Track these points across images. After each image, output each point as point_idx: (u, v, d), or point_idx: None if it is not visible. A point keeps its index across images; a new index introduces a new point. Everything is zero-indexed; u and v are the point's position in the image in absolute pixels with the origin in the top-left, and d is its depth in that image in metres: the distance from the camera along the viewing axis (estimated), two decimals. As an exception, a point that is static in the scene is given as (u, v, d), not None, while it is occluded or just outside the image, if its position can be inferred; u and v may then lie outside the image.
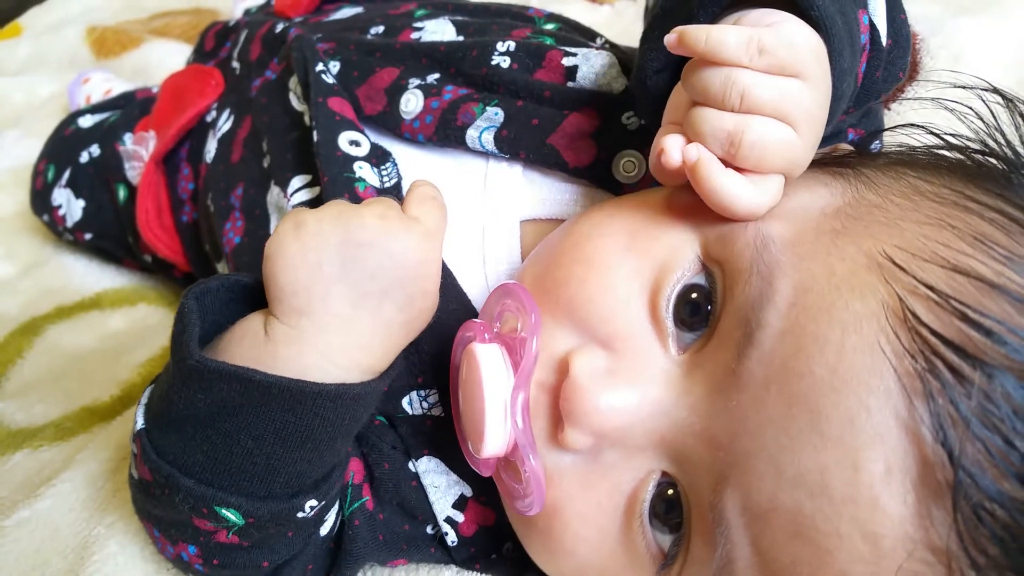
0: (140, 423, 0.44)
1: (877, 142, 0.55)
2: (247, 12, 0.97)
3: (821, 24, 0.38)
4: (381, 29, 0.64)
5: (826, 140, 0.52)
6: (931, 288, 0.32)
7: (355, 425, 0.44)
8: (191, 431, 0.41)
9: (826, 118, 0.39)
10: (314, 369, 0.41)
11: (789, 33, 0.37)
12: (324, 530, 0.47)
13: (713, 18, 0.41)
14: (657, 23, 0.44)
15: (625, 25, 1.03)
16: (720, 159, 0.37)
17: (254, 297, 0.45)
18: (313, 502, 0.43)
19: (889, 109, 0.72)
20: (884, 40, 0.46)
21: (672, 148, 0.38)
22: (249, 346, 0.41)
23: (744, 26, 0.38)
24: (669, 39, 0.38)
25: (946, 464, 0.30)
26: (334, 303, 0.41)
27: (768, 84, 0.36)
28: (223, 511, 0.41)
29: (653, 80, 0.44)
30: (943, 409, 0.30)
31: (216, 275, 0.44)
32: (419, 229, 0.42)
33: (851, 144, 0.54)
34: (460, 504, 0.50)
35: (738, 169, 0.37)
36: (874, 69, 0.46)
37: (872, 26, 0.45)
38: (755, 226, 0.37)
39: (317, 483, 0.43)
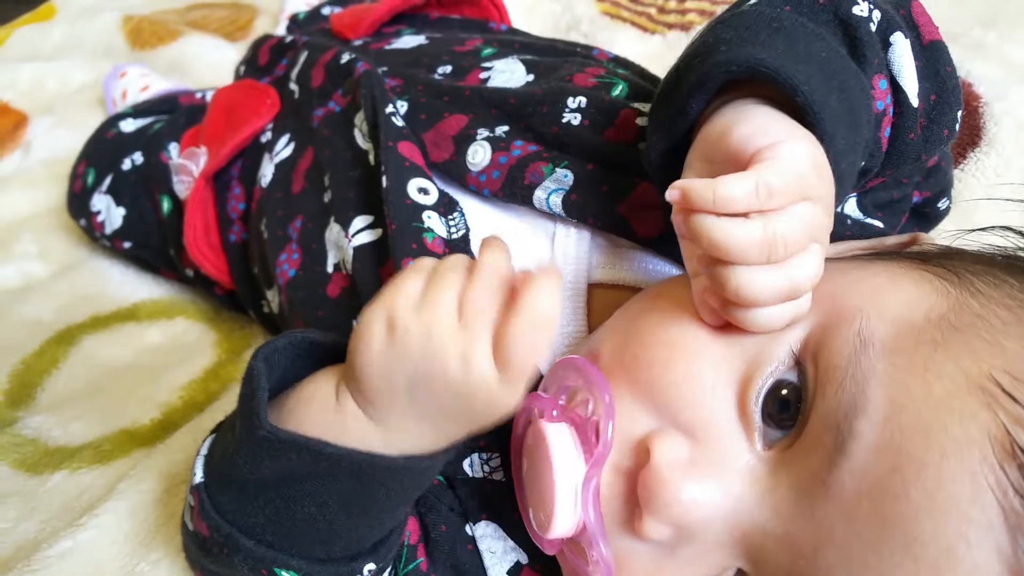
0: (199, 476, 0.44)
1: (945, 199, 0.54)
2: (295, 19, 0.96)
3: (807, 110, 0.37)
4: (449, 69, 0.63)
5: (891, 205, 0.51)
6: None
7: (419, 492, 0.44)
8: (254, 493, 0.41)
9: (833, 211, 0.38)
10: (381, 447, 0.41)
11: (789, 160, 0.35)
12: None
13: (704, 105, 0.40)
14: (655, 110, 0.44)
15: (676, 56, 1.02)
16: None
17: (320, 354, 0.44)
18: (372, 565, 0.43)
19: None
20: (915, 101, 0.45)
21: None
22: (318, 411, 0.41)
23: (713, 148, 0.37)
24: (672, 196, 0.36)
25: None
26: (400, 413, 0.40)
27: (794, 223, 0.35)
28: (283, 573, 0.41)
29: (659, 160, 0.44)
30: None
31: (284, 333, 0.44)
32: (499, 378, 0.38)
33: (917, 207, 0.54)
34: (515, 571, 0.49)
35: None
36: (905, 131, 0.45)
37: (897, 88, 0.44)
38: (858, 322, 0.37)
39: (376, 546, 0.43)
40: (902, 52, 0.45)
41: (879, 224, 0.51)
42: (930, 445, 0.32)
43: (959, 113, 0.47)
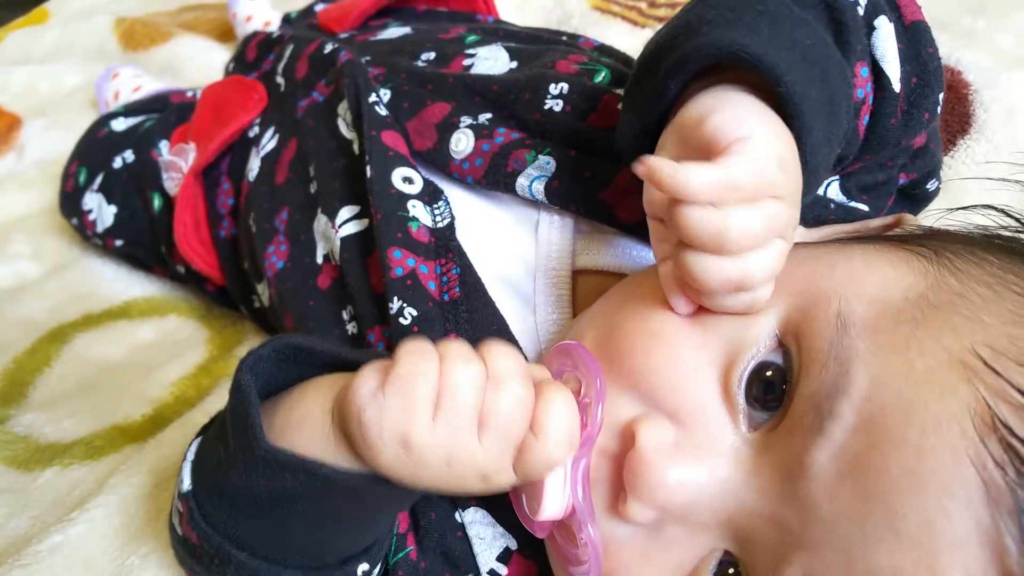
0: (187, 484, 0.43)
1: (934, 180, 0.54)
2: (287, 17, 0.96)
3: (788, 102, 0.37)
4: (432, 56, 0.63)
5: (876, 188, 0.51)
6: (1023, 393, 0.31)
7: (415, 498, 0.44)
8: (246, 508, 0.40)
9: (800, 209, 0.38)
10: None
11: (755, 157, 0.35)
12: None
13: (682, 88, 0.40)
14: (631, 88, 0.43)
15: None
16: None
17: (304, 357, 0.43)
18: (365, 566, 0.43)
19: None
20: (897, 86, 0.45)
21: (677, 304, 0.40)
22: (309, 437, 0.39)
23: (688, 136, 0.37)
24: (640, 170, 0.35)
25: None
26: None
27: (754, 218, 0.35)
28: None
29: (632, 144, 0.43)
30: None
31: (268, 340, 0.42)
32: (516, 482, 0.39)
33: (905, 188, 0.53)
34: (504, 557, 0.49)
35: None
36: (886, 117, 0.45)
37: (879, 74, 0.44)
38: (836, 304, 0.37)
39: (368, 548, 0.43)
40: (886, 37, 0.44)
41: (864, 207, 0.50)
42: (910, 421, 0.32)
43: (941, 96, 0.47)
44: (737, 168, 0.35)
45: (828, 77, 0.39)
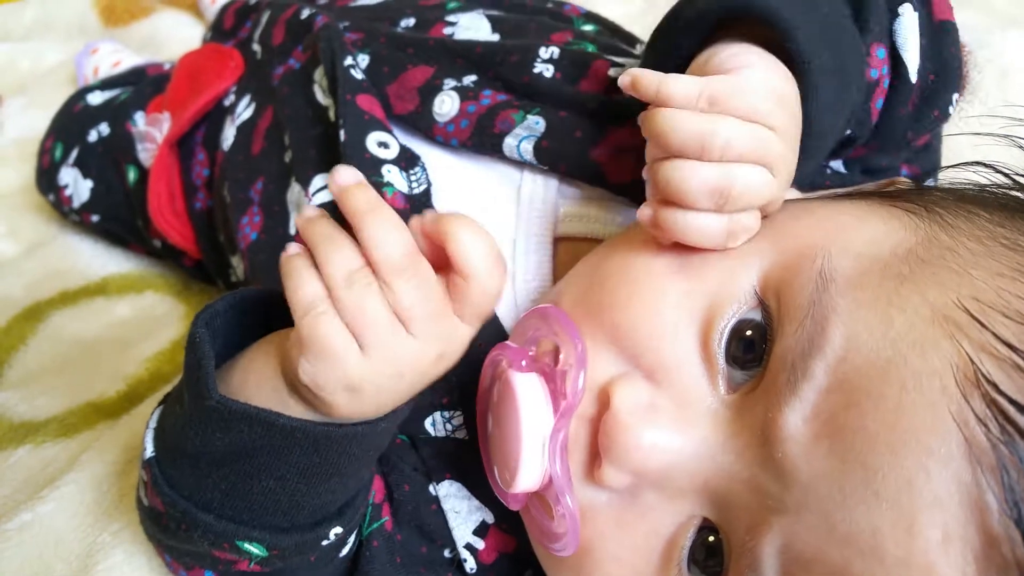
0: (150, 450, 0.42)
1: (932, 181, 0.53)
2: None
3: (796, 58, 0.37)
4: (412, 21, 0.61)
5: (879, 172, 0.50)
6: (1009, 346, 0.30)
7: (380, 451, 0.43)
8: (207, 468, 0.39)
9: (796, 159, 0.38)
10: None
11: (747, 81, 0.36)
12: (344, 551, 0.45)
13: (699, 46, 0.40)
14: (647, 53, 0.44)
15: (658, 17, 0.99)
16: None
17: (262, 309, 0.42)
18: (338, 529, 0.42)
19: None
20: (913, 76, 0.44)
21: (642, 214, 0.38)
22: (267, 396, 0.39)
23: (698, 76, 0.37)
24: (623, 81, 0.37)
25: (1018, 542, 0.28)
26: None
27: (743, 132, 0.36)
28: (245, 545, 0.40)
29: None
30: (1017, 484, 0.28)
31: (224, 295, 0.42)
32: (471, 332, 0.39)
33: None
34: (481, 531, 0.48)
35: None
36: (897, 105, 0.45)
37: (896, 60, 0.44)
38: (820, 260, 0.35)
39: (341, 509, 0.42)
40: (908, 25, 0.44)
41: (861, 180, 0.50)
42: (888, 379, 0.31)
43: (955, 97, 0.47)
44: (722, 84, 0.36)
45: (840, 46, 0.40)
